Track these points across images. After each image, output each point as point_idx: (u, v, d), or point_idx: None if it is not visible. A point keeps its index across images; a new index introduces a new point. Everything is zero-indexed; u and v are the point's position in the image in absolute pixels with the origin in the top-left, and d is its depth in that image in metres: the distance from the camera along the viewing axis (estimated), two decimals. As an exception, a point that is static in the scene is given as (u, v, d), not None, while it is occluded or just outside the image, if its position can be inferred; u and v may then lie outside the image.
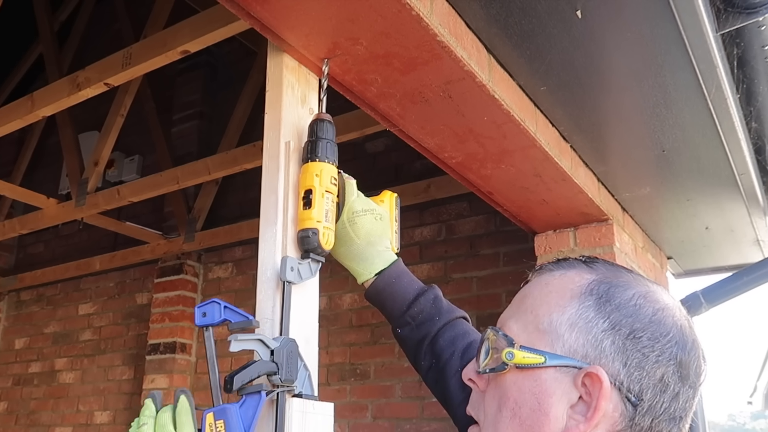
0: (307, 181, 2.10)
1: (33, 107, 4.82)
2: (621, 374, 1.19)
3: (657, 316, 1.23)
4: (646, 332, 1.21)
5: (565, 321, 1.26)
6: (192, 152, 7.37)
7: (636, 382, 1.19)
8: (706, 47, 2.64)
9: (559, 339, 1.26)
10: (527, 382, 1.27)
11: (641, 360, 1.19)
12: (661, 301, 1.26)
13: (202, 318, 1.73)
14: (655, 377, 1.19)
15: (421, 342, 2.09)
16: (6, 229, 7.03)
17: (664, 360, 1.20)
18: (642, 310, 1.23)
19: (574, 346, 1.24)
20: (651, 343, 1.20)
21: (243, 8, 2.20)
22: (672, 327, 1.23)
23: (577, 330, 1.25)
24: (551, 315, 1.29)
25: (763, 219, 4.47)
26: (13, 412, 8.64)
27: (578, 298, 1.27)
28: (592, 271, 1.31)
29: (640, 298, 1.25)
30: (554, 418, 1.24)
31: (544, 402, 1.25)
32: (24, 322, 8.99)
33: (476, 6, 2.45)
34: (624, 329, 1.21)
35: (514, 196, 3.71)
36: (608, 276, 1.29)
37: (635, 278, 1.30)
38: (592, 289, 1.27)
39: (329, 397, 5.08)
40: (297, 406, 1.90)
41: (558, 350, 1.25)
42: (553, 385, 1.25)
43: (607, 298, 1.25)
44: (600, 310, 1.24)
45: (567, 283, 1.32)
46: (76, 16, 8.14)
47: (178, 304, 7.11)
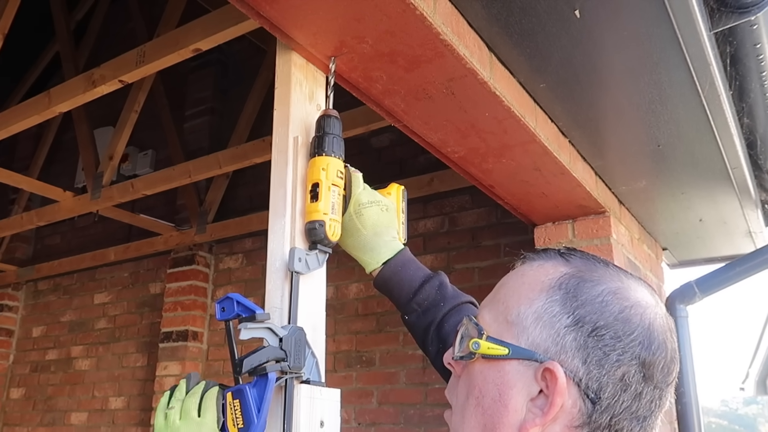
0: (314, 175, 2.12)
1: (50, 103, 4.83)
2: (580, 371, 1.17)
3: (623, 314, 1.20)
4: (610, 330, 1.18)
5: (531, 314, 1.24)
6: (203, 147, 7.37)
7: (595, 379, 1.16)
8: (700, 46, 2.64)
9: (525, 332, 1.23)
10: (491, 373, 1.26)
11: (602, 358, 1.17)
12: (631, 299, 1.22)
13: (222, 313, 1.83)
14: (615, 376, 1.16)
15: (428, 328, 2.09)
16: (24, 221, 7.04)
17: (626, 359, 1.17)
18: (608, 307, 1.20)
19: (537, 339, 1.21)
20: (613, 341, 1.17)
21: (253, 8, 2.21)
22: (638, 326, 1.19)
23: (541, 324, 1.22)
24: (520, 307, 1.26)
25: (754, 211, 4.47)
26: (31, 397, 8.66)
27: (547, 291, 1.25)
28: (567, 265, 1.28)
29: (609, 294, 1.21)
30: (513, 410, 1.22)
31: (504, 393, 1.23)
32: (41, 311, 9.00)
33: (478, 5, 2.45)
34: (587, 326, 1.19)
35: (515, 189, 3.72)
36: (581, 270, 1.26)
37: (610, 273, 1.27)
38: (561, 283, 1.24)
39: (336, 383, 5.09)
40: (305, 392, 1.92)
41: (522, 343, 1.23)
42: (515, 377, 1.23)
43: (575, 293, 1.22)
44: (565, 305, 1.21)
45: (540, 275, 1.29)
46: (91, 15, 8.15)
47: (190, 294, 7.12)
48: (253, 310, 1.81)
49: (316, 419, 1.95)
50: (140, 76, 4.55)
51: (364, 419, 5.72)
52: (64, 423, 8.14)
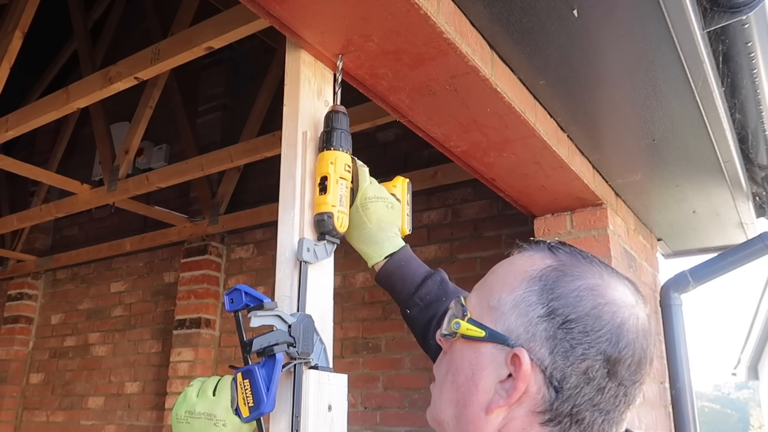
0: (322, 169, 2.12)
1: (68, 99, 4.83)
2: (546, 360, 1.18)
3: (596, 310, 1.20)
4: (579, 324, 1.18)
5: (510, 301, 1.26)
6: (216, 141, 7.38)
7: (559, 369, 1.18)
8: (693, 44, 2.64)
9: (502, 317, 1.25)
10: (468, 353, 1.29)
11: (568, 350, 1.18)
12: (607, 297, 1.22)
13: (231, 304, 1.84)
14: (579, 368, 1.17)
15: (429, 322, 2.09)
16: (43, 213, 7.05)
17: (591, 354, 1.17)
18: (582, 302, 1.20)
19: (512, 326, 1.23)
20: (581, 335, 1.18)
21: (263, 7, 2.22)
22: (608, 323, 1.19)
23: (518, 311, 1.24)
24: (502, 294, 1.28)
25: (746, 203, 4.47)
26: (50, 382, 8.68)
27: (528, 281, 1.26)
28: (553, 258, 1.29)
29: (585, 290, 1.22)
30: (483, 390, 1.24)
31: (477, 373, 1.26)
32: (60, 299, 9.02)
33: (480, 5, 2.45)
34: (558, 318, 1.20)
35: (515, 182, 3.72)
36: (565, 264, 1.27)
37: (593, 270, 1.27)
38: (542, 275, 1.26)
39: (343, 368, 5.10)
40: (313, 377, 1.93)
41: (499, 328, 1.25)
42: (488, 359, 1.25)
43: (552, 286, 1.23)
44: (542, 296, 1.23)
45: (526, 265, 1.30)
46: (108, 14, 8.14)
47: (203, 283, 7.13)
48: (260, 299, 1.83)
49: (324, 403, 1.96)
50: (155, 73, 4.55)
51: (371, 403, 5.73)
52: (82, 407, 8.17)
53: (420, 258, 2.23)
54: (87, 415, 8.08)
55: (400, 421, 5.54)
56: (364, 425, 5.71)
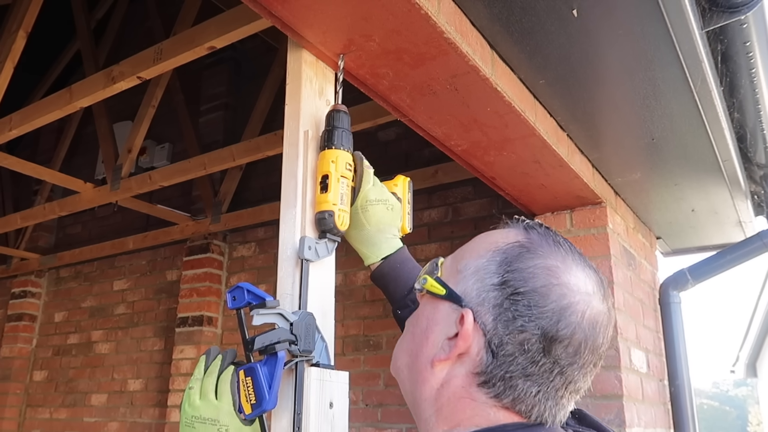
0: (324, 167, 2.13)
1: (71, 99, 4.83)
2: (489, 325, 1.24)
3: (545, 288, 1.24)
4: (525, 298, 1.23)
5: (473, 267, 1.32)
6: (218, 140, 7.38)
7: (498, 336, 1.23)
8: (692, 44, 2.65)
9: (463, 280, 1.32)
10: (428, 308, 1.38)
11: (509, 320, 1.23)
12: (561, 279, 1.26)
13: (233, 302, 1.85)
14: (516, 339, 1.22)
15: None
16: (47, 211, 7.05)
17: (530, 327, 1.22)
18: (533, 279, 1.25)
19: (468, 289, 1.30)
20: (524, 309, 1.22)
21: (265, 7, 2.22)
22: (553, 303, 1.23)
23: (476, 277, 1.30)
24: (469, 260, 1.35)
25: (744, 202, 4.47)
26: (53, 380, 8.68)
27: (493, 252, 1.32)
28: (524, 235, 1.34)
29: (542, 269, 1.26)
30: (431, 343, 1.33)
31: (430, 327, 1.34)
32: (63, 297, 9.02)
33: (480, 5, 2.46)
34: (508, 289, 1.25)
35: (515, 180, 3.72)
36: (532, 242, 1.31)
37: (557, 253, 1.30)
38: (507, 249, 1.31)
39: (344, 366, 5.09)
40: (315, 374, 1.93)
41: (458, 289, 1.31)
42: (442, 316, 1.33)
43: (512, 260, 1.28)
44: (500, 267, 1.28)
45: (499, 238, 1.36)
46: (111, 14, 8.14)
47: (205, 281, 7.13)
48: (263, 297, 1.83)
49: (325, 400, 1.97)
50: (157, 73, 4.55)
51: (372, 400, 5.74)
52: (85, 404, 8.17)
53: (421, 256, 2.24)
54: (90, 412, 8.08)
55: (401, 418, 5.54)
56: (366, 422, 5.71)
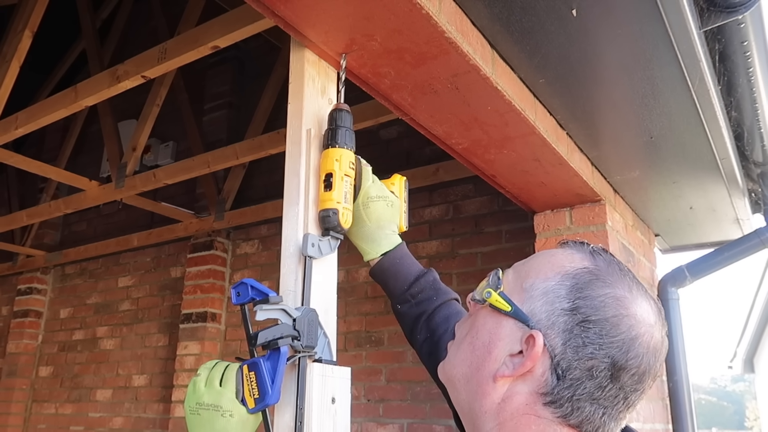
0: (327, 166, 2.13)
1: (76, 98, 4.84)
2: (557, 349, 1.25)
3: (616, 318, 1.26)
4: (597, 326, 1.24)
5: (541, 288, 1.32)
6: (222, 139, 7.39)
7: (566, 361, 1.24)
8: (690, 43, 2.65)
9: (530, 300, 1.32)
10: (491, 322, 1.37)
11: (579, 346, 1.24)
12: (630, 309, 1.27)
13: (237, 297, 1.85)
14: (584, 365, 1.24)
15: (418, 318, 2.14)
16: (52, 209, 7.05)
17: (600, 355, 1.23)
18: (605, 308, 1.26)
19: (536, 310, 1.30)
20: (595, 336, 1.24)
21: (268, 7, 2.22)
22: (623, 333, 1.25)
23: (545, 299, 1.30)
24: (536, 280, 1.34)
25: (741, 200, 4.47)
26: (59, 375, 8.69)
27: (562, 276, 1.32)
28: (591, 261, 1.34)
29: (611, 298, 1.27)
30: (494, 358, 1.32)
31: (493, 342, 1.34)
32: (68, 293, 9.03)
33: (480, 5, 2.46)
34: (579, 316, 1.26)
35: (515, 178, 3.72)
36: (600, 270, 1.32)
37: (624, 282, 1.32)
38: (577, 274, 1.31)
39: (346, 362, 5.10)
40: (317, 370, 1.94)
41: (525, 308, 1.31)
42: (506, 332, 1.33)
43: (583, 286, 1.29)
44: (571, 292, 1.29)
45: (565, 261, 1.35)
46: (115, 14, 8.15)
47: (209, 278, 7.15)
48: (266, 293, 1.83)
49: (327, 396, 1.97)
50: (162, 72, 4.55)
51: (374, 396, 5.74)
52: (90, 399, 8.18)
53: (422, 253, 2.25)
54: (95, 408, 8.10)
55: (402, 413, 5.55)
56: (367, 417, 5.71)
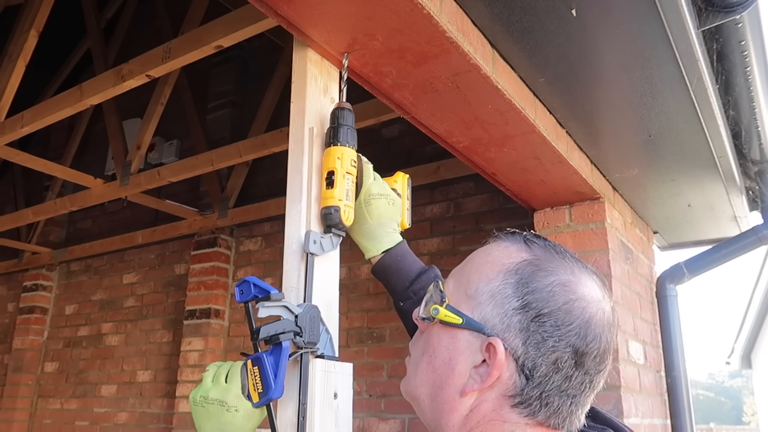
0: (329, 164, 2.13)
1: (82, 96, 4.84)
2: (519, 350, 1.24)
3: (567, 305, 1.24)
4: (551, 318, 1.23)
5: (487, 292, 1.30)
6: (225, 137, 7.38)
7: (531, 359, 1.23)
8: (688, 43, 2.65)
9: (479, 306, 1.30)
10: (446, 337, 1.34)
11: (539, 342, 1.23)
12: (578, 293, 1.27)
13: (241, 295, 1.88)
14: (549, 359, 1.22)
15: None
16: (57, 207, 7.05)
17: (561, 346, 1.22)
18: (554, 298, 1.25)
19: (488, 315, 1.28)
20: (552, 329, 1.23)
21: (271, 7, 2.23)
22: (578, 318, 1.24)
23: (494, 302, 1.28)
24: (479, 284, 1.32)
25: (739, 197, 4.48)
26: (64, 371, 8.70)
27: (504, 274, 1.30)
28: (528, 251, 1.33)
29: (558, 285, 1.26)
30: (458, 374, 1.30)
31: (454, 358, 1.31)
32: (74, 290, 9.03)
33: (481, 5, 2.46)
34: (532, 311, 1.24)
35: (516, 176, 3.73)
36: (540, 259, 1.31)
37: (565, 265, 1.31)
38: (518, 269, 1.29)
39: (348, 357, 5.10)
40: (320, 365, 1.95)
41: (476, 316, 1.29)
42: (464, 345, 1.30)
43: (527, 280, 1.27)
44: (517, 289, 1.27)
45: (503, 257, 1.34)
46: (120, 14, 8.14)
47: (213, 274, 7.15)
48: (268, 290, 1.85)
49: (330, 391, 1.98)
50: (166, 71, 4.56)
51: (375, 391, 5.74)
52: (95, 395, 8.19)
53: (423, 250, 2.25)
54: (100, 403, 8.10)
55: (403, 408, 5.55)
56: (369, 412, 5.72)
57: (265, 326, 1.81)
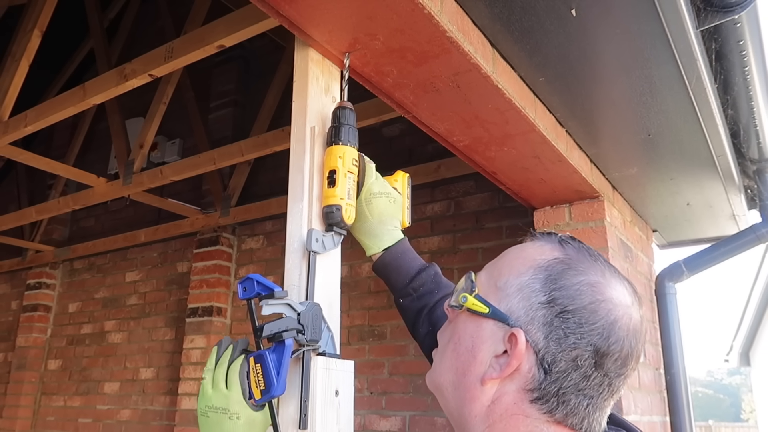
0: (331, 162, 2.13)
1: (85, 96, 4.84)
2: (540, 343, 1.24)
3: (593, 305, 1.24)
4: (575, 316, 1.23)
5: (516, 285, 1.31)
6: (227, 136, 7.39)
7: (551, 354, 1.23)
8: (687, 42, 2.65)
9: (506, 298, 1.31)
10: (471, 325, 1.35)
11: (561, 338, 1.23)
12: (605, 294, 1.26)
13: (244, 292, 1.88)
14: (569, 356, 1.23)
15: (420, 311, 2.15)
16: (61, 205, 7.06)
17: (582, 344, 1.22)
18: (581, 296, 1.25)
19: (514, 308, 1.29)
20: (575, 326, 1.23)
21: (273, 7, 2.23)
22: (603, 319, 1.24)
23: (521, 295, 1.29)
24: (509, 277, 1.33)
25: (738, 196, 4.48)
26: (67, 368, 8.70)
27: (535, 269, 1.31)
28: (561, 251, 1.33)
29: (586, 285, 1.26)
30: (480, 362, 1.31)
31: (477, 346, 1.32)
32: (77, 288, 9.04)
33: (481, 5, 2.46)
34: (557, 307, 1.24)
35: (516, 175, 3.73)
36: (571, 258, 1.31)
37: (596, 267, 1.31)
38: (549, 265, 1.30)
39: (350, 355, 5.11)
40: (321, 363, 1.95)
41: (502, 307, 1.30)
42: (488, 334, 1.31)
43: (557, 277, 1.27)
44: (545, 285, 1.27)
45: (536, 254, 1.35)
46: (123, 14, 8.16)
47: (215, 272, 7.15)
48: (272, 288, 1.85)
49: (331, 388, 1.98)
50: (168, 71, 4.56)
51: (376, 388, 5.75)
52: (98, 392, 8.20)
53: (424, 248, 2.25)
54: (103, 400, 8.11)
55: (404, 405, 5.55)
56: (370, 409, 5.72)
57: (269, 324, 1.81)
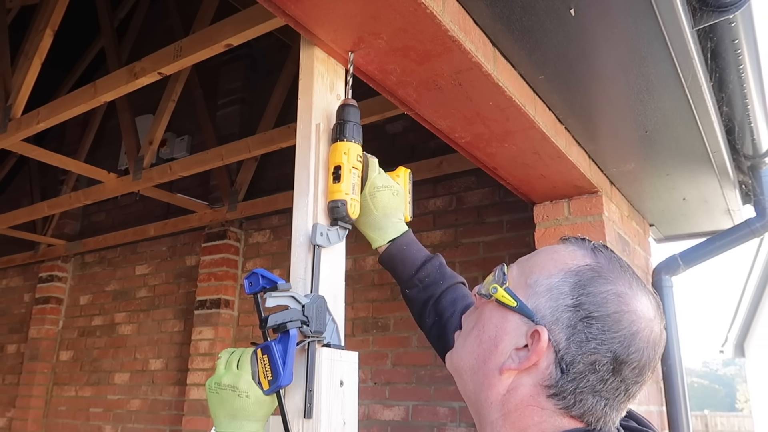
0: (336, 158, 2.14)
1: (95, 93, 4.85)
2: (561, 344, 1.26)
3: (618, 314, 1.26)
4: (599, 322, 1.25)
5: (545, 285, 1.32)
6: (234, 133, 7.39)
7: (570, 355, 1.25)
8: (683, 41, 2.65)
9: (535, 296, 1.32)
10: (497, 316, 1.37)
11: (582, 341, 1.25)
12: (630, 305, 1.28)
13: (250, 287, 1.89)
14: (588, 359, 1.24)
15: (426, 302, 2.16)
16: (72, 200, 7.06)
17: (602, 350, 1.24)
18: (607, 304, 1.26)
19: (541, 306, 1.30)
20: (597, 332, 1.24)
21: (279, 7, 2.23)
22: (625, 329, 1.25)
23: (549, 296, 1.30)
24: (540, 276, 1.34)
25: (732, 191, 4.48)
26: (78, 359, 8.71)
27: (565, 272, 1.32)
28: (593, 258, 1.35)
29: (613, 295, 1.28)
30: (500, 352, 1.33)
31: (500, 336, 1.35)
32: (88, 281, 9.04)
33: (482, 5, 2.46)
34: (582, 312, 1.26)
35: (516, 171, 3.73)
36: (602, 266, 1.32)
37: (626, 279, 1.32)
38: (579, 271, 1.31)
39: (354, 346, 5.11)
40: (326, 354, 1.95)
41: (530, 304, 1.32)
42: (512, 327, 1.33)
43: (586, 283, 1.29)
44: (574, 289, 1.29)
45: (568, 258, 1.36)
46: (133, 13, 8.16)
47: (223, 266, 7.16)
48: (275, 281, 1.86)
49: (336, 379, 1.99)
50: (177, 69, 4.57)
51: (380, 379, 5.75)
52: (108, 382, 8.21)
53: (426, 242, 2.26)
54: (113, 390, 8.12)
55: (407, 395, 5.56)
56: (374, 399, 5.73)
57: (273, 315, 1.83)
